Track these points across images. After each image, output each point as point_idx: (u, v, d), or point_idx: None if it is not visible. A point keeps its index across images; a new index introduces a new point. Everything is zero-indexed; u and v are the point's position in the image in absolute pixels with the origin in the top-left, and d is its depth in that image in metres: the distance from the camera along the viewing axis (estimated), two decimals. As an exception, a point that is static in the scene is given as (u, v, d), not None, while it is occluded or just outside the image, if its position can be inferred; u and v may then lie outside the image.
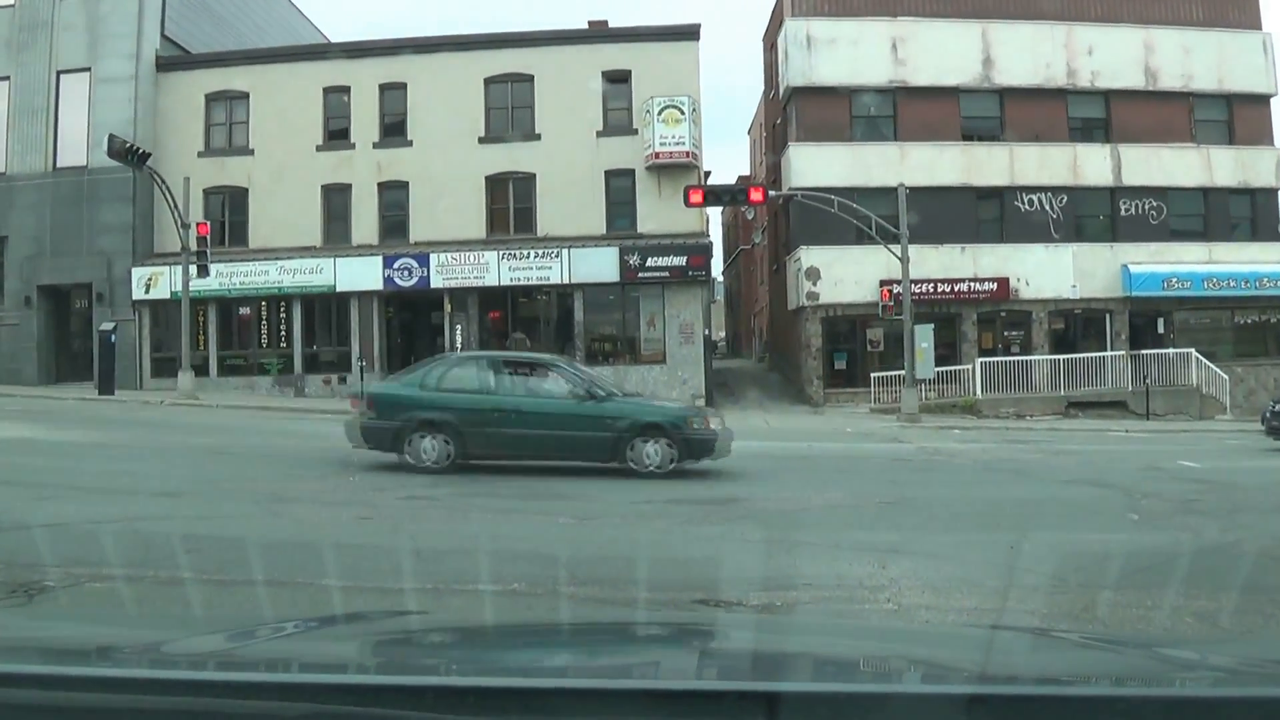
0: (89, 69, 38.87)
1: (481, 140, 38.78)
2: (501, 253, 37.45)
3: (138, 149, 33.01)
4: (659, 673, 2.63)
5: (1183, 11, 40.78)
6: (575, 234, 37.83)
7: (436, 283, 37.57)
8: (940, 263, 38.48)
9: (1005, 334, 40.20)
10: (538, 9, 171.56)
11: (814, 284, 39.20)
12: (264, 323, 38.89)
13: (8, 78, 39.19)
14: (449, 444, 16.26)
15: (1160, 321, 39.86)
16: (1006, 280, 39.11)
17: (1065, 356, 38.21)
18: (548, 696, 2.07)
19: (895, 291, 34.08)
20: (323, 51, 42.78)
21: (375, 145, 39.18)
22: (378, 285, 37.86)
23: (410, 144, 39.03)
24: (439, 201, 38.24)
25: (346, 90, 39.39)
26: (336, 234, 39.22)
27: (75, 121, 38.43)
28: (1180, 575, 8.68)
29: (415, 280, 37.67)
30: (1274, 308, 40.41)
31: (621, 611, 6.79)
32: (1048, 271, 39.46)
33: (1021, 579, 8.65)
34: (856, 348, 40.32)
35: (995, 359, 37.98)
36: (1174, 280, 39.18)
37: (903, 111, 40.01)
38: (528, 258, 37.42)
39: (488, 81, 39.07)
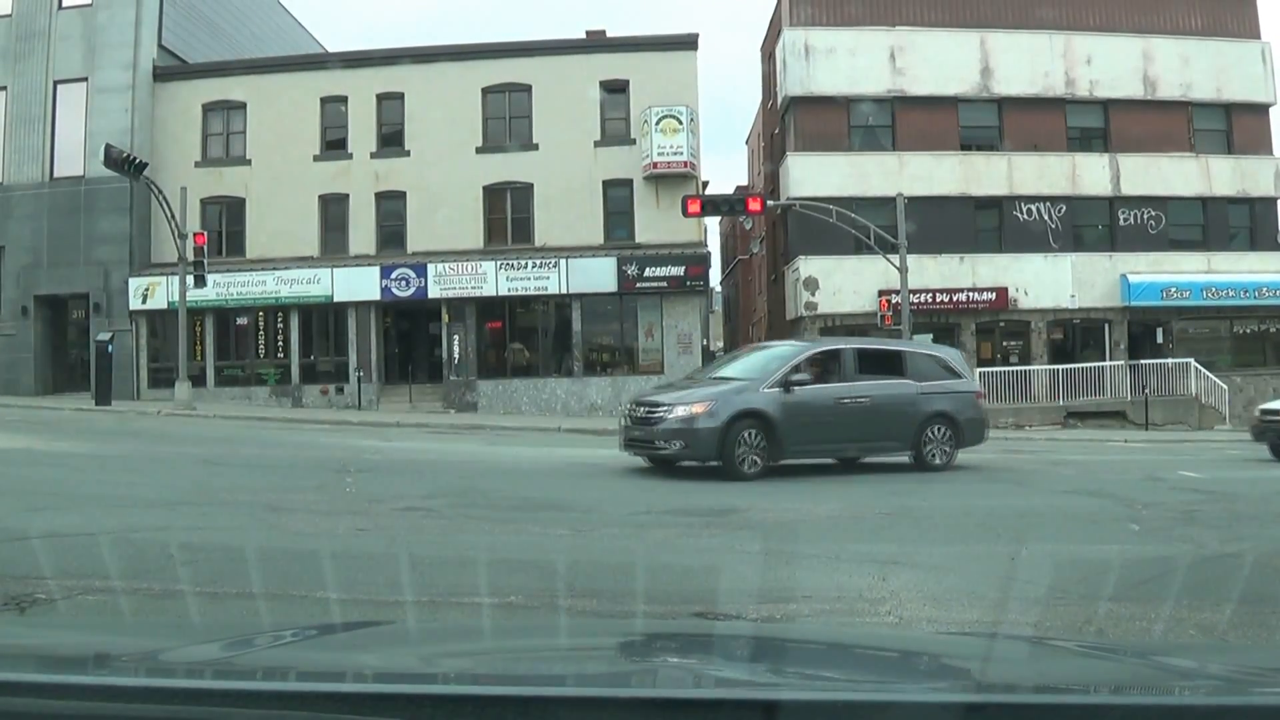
0: (86, 79, 38.96)
1: (479, 150, 38.85)
2: (499, 263, 37.50)
3: (135, 159, 33.07)
4: (657, 681, 2.62)
5: (1181, 21, 40.88)
6: (573, 244, 37.89)
7: (434, 293, 37.62)
8: (939, 272, 38.54)
9: (1004, 344, 40.26)
10: (536, 19, 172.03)
11: (812, 294, 39.23)
12: (261, 333, 38.92)
13: (4, 88, 39.30)
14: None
15: (1159, 331, 39.94)
16: (1005, 290, 39.17)
17: (1064, 366, 38.26)
18: (545, 705, 2.06)
19: (894, 301, 34.13)
20: (320, 61, 42.84)
21: (373, 155, 39.26)
22: (375, 295, 37.90)
23: (408, 154, 39.10)
24: (436, 211, 38.31)
25: (344, 100, 39.47)
26: (334, 244, 39.27)
27: (72, 131, 38.50)
28: (1182, 586, 8.67)
29: (413, 290, 37.70)
30: (1273, 317, 40.49)
31: (620, 623, 6.77)
32: (1046, 281, 39.52)
33: (1022, 590, 8.63)
34: (855, 357, 40.28)
35: (994, 369, 38.01)
36: (1173, 290, 39.26)
37: (901, 121, 40.11)
38: (525, 268, 37.45)
39: (485, 91, 39.15)
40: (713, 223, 59.12)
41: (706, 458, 16.94)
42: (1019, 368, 38.53)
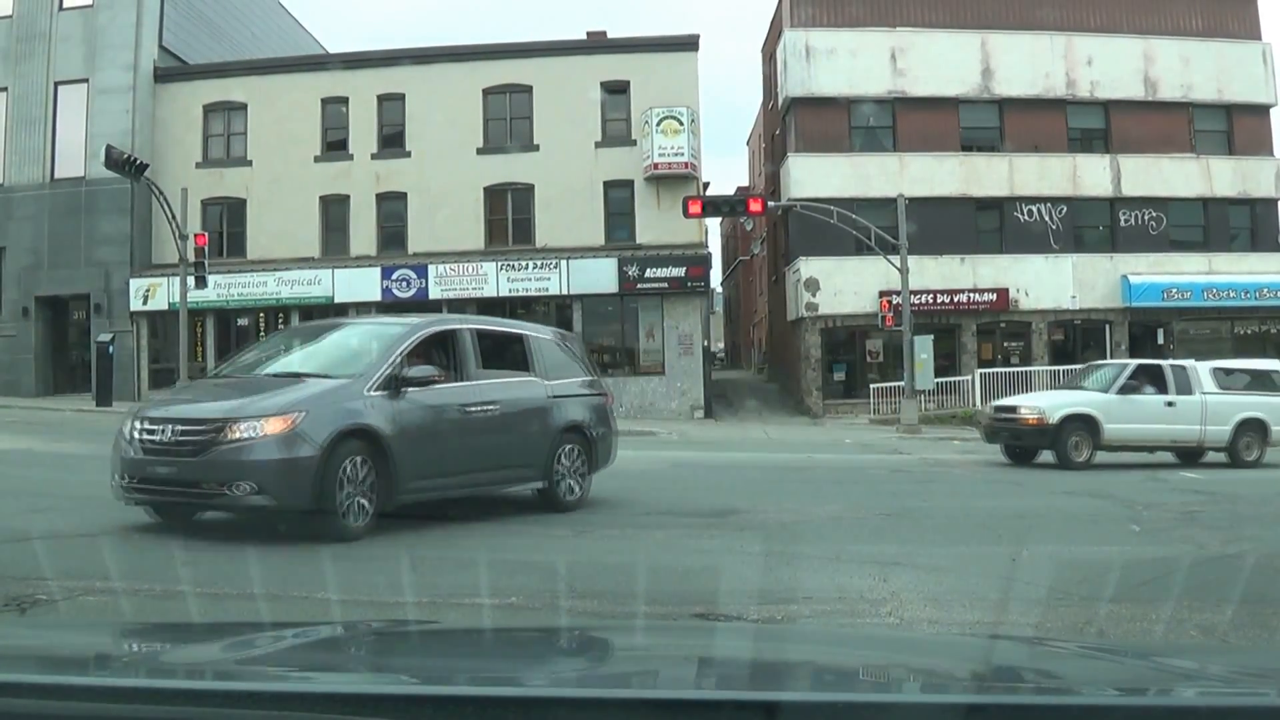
0: (87, 80, 38.96)
1: (480, 151, 38.84)
2: (500, 264, 37.50)
3: (135, 160, 33.00)
4: (658, 682, 2.62)
5: (1182, 22, 40.87)
6: (574, 245, 37.87)
7: (435, 294, 37.58)
8: (939, 273, 38.52)
9: (1005, 345, 40.26)
10: (536, 20, 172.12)
11: (813, 295, 39.23)
12: (262, 334, 38.83)
13: (5, 89, 39.31)
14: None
15: (1160, 332, 39.91)
16: (1006, 291, 39.14)
17: (1065, 368, 38.15)
18: (546, 706, 2.06)
19: (894, 302, 34.12)
20: (321, 62, 42.83)
21: (373, 156, 39.25)
22: (376, 296, 37.88)
23: (409, 155, 39.09)
24: (437, 212, 38.30)
25: (345, 101, 39.46)
26: (335, 245, 39.27)
27: (73, 132, 38.50)
28: (1182, 587, 8.67)
29: (413, 291, 37.67)
30: (1274, 318, 40.46)
31: (620, 624, 6.77)
32: (1047, 282, 39.51)
33: (1023, 591, 8.64)
34: (856, 359, 40.37)
35: (995, 370, 37.97)
36: (1173, 291, 39.23)
37: (902, 122, 40.10)
38: (526, 269, 37.45)
39: (486, 92, 39.14)
40: (714, 224, 59.25)
41: (297, 505, 10.35)
42: (1020, 369, 38.47)
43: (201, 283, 33.63)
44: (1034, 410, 21.60)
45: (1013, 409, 22.40)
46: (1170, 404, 21.72)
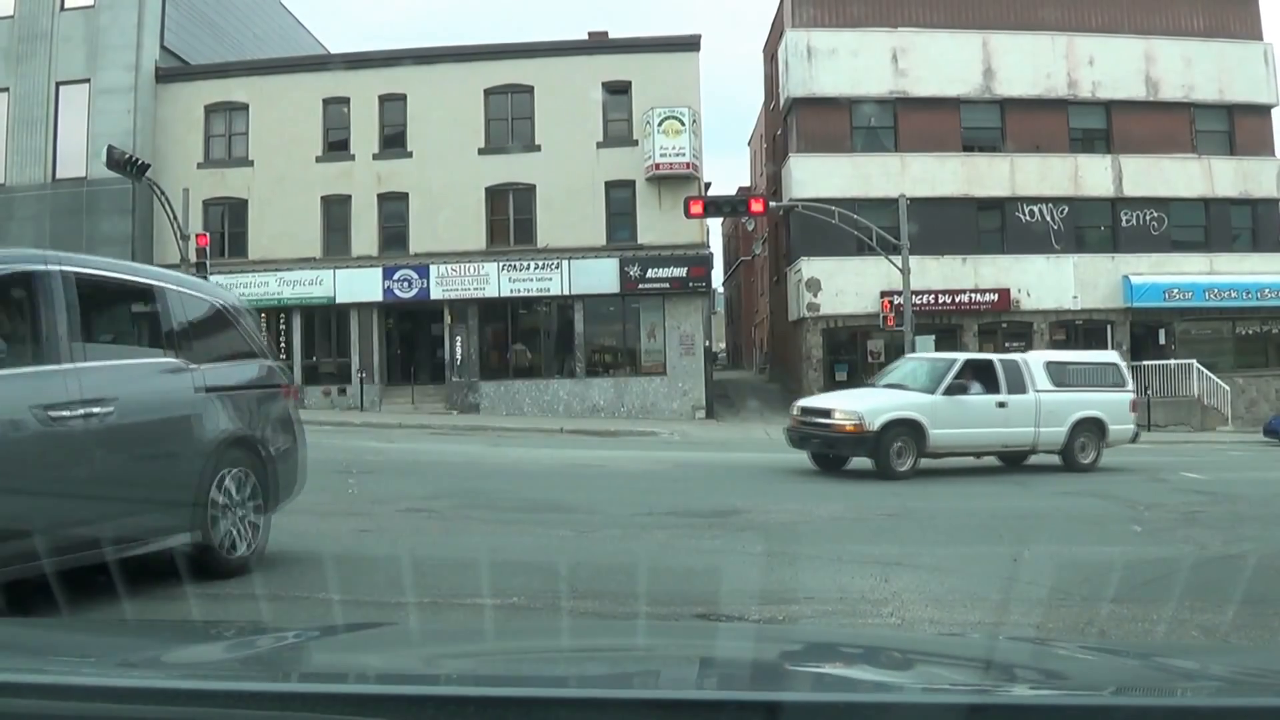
0: (88, 80, 38.95)
1: (481, 151, 38.82)
2: (501, 264, 37.53)
3: (137, 160, 32.99)
4: (659, 682, 2.62)
5: (1184, 22, 40.87)
6: (575, 245, 37.86)
7: (436, 294, 37.63)
8: (941, 274, 38.53)
9: (1006, 345, 40.09)
10: (538, 20, 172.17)
11: (814, 295, 39.23)
12: (263, 334, 38.83)
13: (7, 89, 39.29)
14: None
15: (1161, 332, 39.93)
16: (1007, 291, 39.15)
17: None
18: (548, 706, 2.06)
19: (896, 302, 34.09)
20: (322, 62, 42.81)
21: (375, 156, 39.23)
22: (377, 297, 37.91)
23: (410, 155, 39.07)
24: (439, 213, 38.27)
25: (346, 101, 39.44)
26: (336, 245, 39.24)
27: (74, 133, 38.49)
28: (1184, 588, 8.66)
29: (415, 291, 37.70)
30: (1275, 318, 40.49)
31: (622, 624, 6.76)
32: (1049, 282, 39.51)
33: (1025, 591, 8.63)
34: (857, 359, 40.33)
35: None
36: (1175, 291, 39.24)
37: (903, 122, 40.10)
38: (528, 269, 37.47)
39: (488, 92, 39.13)
40: (715, 224, 59.28)
41: None
42: (1021, 369, 38.45)
43: (203, 283, 33.61)
44: (851, 416, 18.87)
45: (825, 413, 19.48)
46: (1002, 404, 19.78)
